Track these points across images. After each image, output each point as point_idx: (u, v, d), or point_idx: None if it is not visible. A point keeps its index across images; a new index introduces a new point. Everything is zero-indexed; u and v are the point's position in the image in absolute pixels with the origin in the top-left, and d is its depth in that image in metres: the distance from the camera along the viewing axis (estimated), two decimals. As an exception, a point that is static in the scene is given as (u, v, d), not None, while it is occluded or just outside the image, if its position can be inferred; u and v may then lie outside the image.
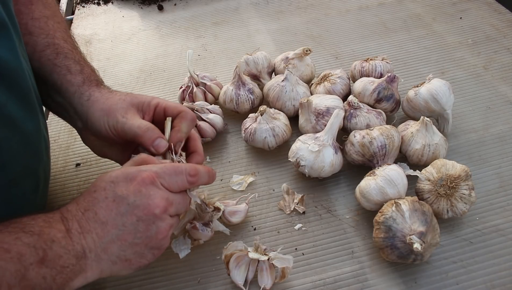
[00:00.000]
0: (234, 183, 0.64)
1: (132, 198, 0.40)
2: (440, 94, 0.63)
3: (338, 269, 0.54)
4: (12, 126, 0.44)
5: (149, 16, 1.06)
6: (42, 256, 0.36)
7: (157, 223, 0.42)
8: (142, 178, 0.41)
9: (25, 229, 0.37)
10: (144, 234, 0.41)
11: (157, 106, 0.52)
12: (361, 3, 1.01)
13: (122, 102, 0.50)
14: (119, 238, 0.40)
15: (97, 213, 0.40)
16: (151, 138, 0.48)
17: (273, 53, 0.88)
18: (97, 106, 0.50)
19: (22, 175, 0.46)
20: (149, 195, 0.41)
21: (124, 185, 0.41)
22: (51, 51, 0.52)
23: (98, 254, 0.40)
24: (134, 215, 0.41)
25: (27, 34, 0.52)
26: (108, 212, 0.40)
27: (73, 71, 0.52)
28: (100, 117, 0.49)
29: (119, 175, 0.42)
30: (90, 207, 0.40)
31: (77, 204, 0.41)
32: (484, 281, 0.51)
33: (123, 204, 0.40)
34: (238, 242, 0.53)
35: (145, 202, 0.41)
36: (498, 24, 0.90)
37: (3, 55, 0.42)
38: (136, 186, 0.41)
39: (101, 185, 0.41)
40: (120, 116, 0.49)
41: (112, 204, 0.40)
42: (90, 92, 0.51)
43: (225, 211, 0.57)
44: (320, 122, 0.64)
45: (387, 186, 0.54)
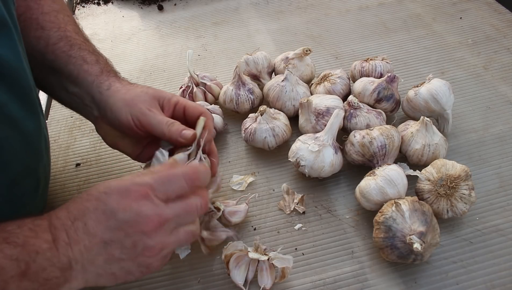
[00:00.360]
0: (234, 183, 0.64)
1: (121, 214, 0.39)
2: (440, 94, 0.63)
3: (338, 269, 0.54)
4: (13, 125, 0.44)
5: (149, 16, 1.06)
6: (24, 269, 0.35)
7: (145, 240, 0.39)
8: (135, 192, 0.40)
9: (8, 240, 0.36)
10: (131, 251, 0.39)
11: (177, 104, 0.51)
12: (361, 3, 1.01)
13: (145, 95, 0.50)
14: (106, 252, 0.39)
15: (86, 224, 0.38)
16: (178, 129, 0.48)
17: (273, 53, 0.88)
18: (119, 95, 0.50)
19: (23, 175, 0.46)
20: (140, 211, 0.39)
21: (116, 199, 0.39)
22: (64, 43, 0.52)
23: (84, 265, 0.38)
24: (122, 231, 0.39)
25: (39, 29, 0.52)
26: (97, 224, 0.38)
27: (89, 61, 0.52)
28: (122, 107, 0.49)
29: (114, 186, 0.40)
30: (80, 217, 0.39)
31: (68, 212, 0.39)
32: (484, 281, 0.51)
33: (112, 218, 0.39)
34: (238, 242, 0.53)
35: (134, 219, 0.39)
36: (498, 24, 0.90)
37: (4, 54, 0.42)
38: (127, 201, 0.39)
39: (94, 195, 0.40)
40: (146, 108, 0.49)
41: (101, 216, 0.39)
42: (110, 82, 0.51)
43: (225, 211, 0.57)
44: (320, 122, 0.64)
45: (387, 186, 0.54)
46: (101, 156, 0.71)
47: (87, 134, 0.76)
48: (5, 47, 0.42)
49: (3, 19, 0.42)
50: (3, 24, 0.42)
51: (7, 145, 0.42)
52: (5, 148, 0.42)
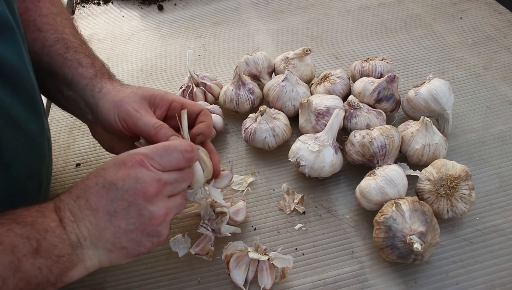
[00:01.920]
0: (234, 183, 0.64)
1: (121, 183, 0.39)
2: (440, 94, 0.63)
3: (338, 269, 0.54)
4: (17, 127, 0.44)
5: (149, 16, 1.06)
6: (36, 246, 0.36)
7: (149, 207, 0.40)
8: (131, 162, 0.40)
9: (17, 220, 0.36)
10: (137, 220, 0.40)
11: (173, 102, 0.51)
12: (361, 3, 1.01)
13: (134, 96, 0.49)
14: (112, 225, 0.39)
15: (88, 200, 0.39)
16: (166, 135, 0.47)
17: (273, 53, 0.88)
18: (108, 97, 0.49)
19: (26, 176, 0.46)
20: (138, 178, 0.40)
21: (113, 171, 0.40)
22: (61, 46, 0.52)
23: (93, 241, 0.39)
24: (125, 201, 0.39)
25: (36, 30, 0.52)
26: (99, 198, 0.39)
27: (84, 64, 0.52)
28: (110, 109, 0.49)
29: (110, 161, 0.41)
30: (82, 195, 0.39)
31: (70, 193, 0.40)
32: (484, 281, 0.51)
33: (112, 189, 0.39)
34: (238, 242, 0.53)
35: (134, 186, 0.39)
36: (498, 24, 0.90)
37: (9, 56, 0.42)
38: (125, 170, 0.40)
39: (93, 173, 0.41)
40: (133, 109, 0.48)
41: (102, 190, 0.39)
42: (102, 84, 0.51)
43: (230, 213, 0.57)
44: (320, 122, 0.64)
45: (387, 186, 0.54)
46: (101, 156, 0.71)
47: (87, 134, 0.76)
48: (9, 49, 0.42)
49: (7, 21, 0.42)
50: (8, 26, 0.42)
51: (11, 147, 0.43)
52: (9, 149, 0.42)
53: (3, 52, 0.41)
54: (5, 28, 0.42)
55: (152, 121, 0.48)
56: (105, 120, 0.50)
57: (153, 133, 0.47)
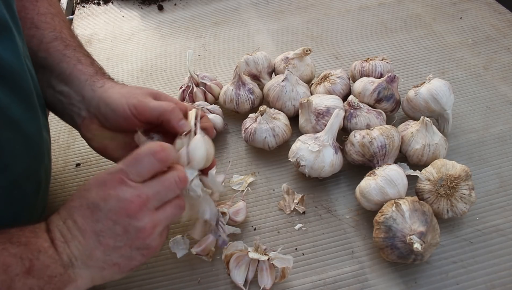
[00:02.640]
0: (234, 183, 0.64)
1: (103, 204, 0.40)
2: (440, 94, 0.63)
3: (338, 269, 0.54)
4: (15, 128, 0.43)
5: (149, 16, 1.06)
6: (28, 266, 0.36)
7: (133, 223, 0.40)
8: (111, 181, 0.40)
9: (12, 240, 0.37)
10: (124, 237, 0.40)
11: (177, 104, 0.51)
12: (361, 3, 1.01)
13: (140, 90, 0.51)
14: (101, 244, 0.39)
15: (75, 221, 0.40)
16: (178, 116, 0.48)
17: (273, 53, 0.88)
18: (114, 90, 0.50)
19: (24, 177, 0.46)
20: (118, 197, 0.40)
21: (95, 192, 0.40)
22: (59, 43, 0.52)
23: (84, 261, 0.39)
24: (110, 220, 0.40)
25: (33, 28, 0.52)
26: (85, 219, 0.40)
27: (84, 62, 0.52)
28: (118, 98, 0.49)
29: (92, 181, 0.41)
30: (69, 216, 0.40)
31: (58, 214, 0.41)
32: (484, 281, 0.51)
33: (96, 210, 0.40)
34: (238, 242, 0.53)
35: (116, 205, 0.40)
36: (498, 24, 0.90)
37: (6, 57, 0.42)
38: (105, 190, 0.40)
39: (76, 194, 0.41)
40: (142, 97, 0.49)
41: (86, 211, 0.40)
42: (103, 81, 0.52)
43: (230, 214, 0.57)
44: (320, 122, 0.64)
45: (387, 186, 0.54)
46: (101, 156, 0.71)
47: (87, 134, 0.76)
48: (7, 49, 0.42)
49: (4, 22, 0.42)
50: (5, 26, 0.42)
51: (9, 147, 0.42)
52: (7, 150, 0.42)
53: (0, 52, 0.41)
54: (2, 28, 0.42)
55: (162, 104, 0.48)
56: (110, 110, 0.49)
57: (166, 115, 0.47)
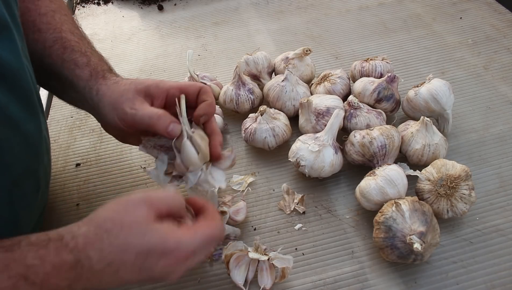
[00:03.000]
0: (234, 183, 0.64)
1: (157, 273, 0.39)
2: (440, 94, 0.63)
3: (338, 269, 0.54)
4: (14, 127, 0.43)
5: (149, 16, 1.06)
6: None
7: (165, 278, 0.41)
8: (178, 256, 0.39)
9: (27, 277, 0.34)
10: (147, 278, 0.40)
11: (170, 89, 0.49)
12: (361, 3, 1.01)
13: (127, 92, 0.49)
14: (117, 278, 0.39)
15: (118, 272, 0.38)
16: (164, 124, 0.46)
17: (273, 53, 0.88)
18: (105, 100, 0.49)
19: (24, 176, 0.46)
20: (175, 271, 0.40)
21: (157, 258, 0.39)
22: (58, 46, 0.52)
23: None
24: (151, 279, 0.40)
25: (36, 31, 0.52)
26: (129, 275, 0.39)
27: (80, 65, 0.52)
28: (109, 111, 0.49)
29: (158, 245, 0.39)
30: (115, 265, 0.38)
31: (101, 255, 0.37)
32: (484, 281, 0.51)
33: (147, 273, 0.39)
34: (238, 242, 0.53)
35: (166, 277, 0.40)
36: (498, 24, 0.90)
37: (5, 56, 0.42)
38: (168, 261, 0.39)
39: (135, 247, 0.38)
40: (128, 108, 0.47)
41: (137, 271, 0.39)
42: (97, 86, 0.51)
43: (230, 213, 0.57)
44: (320, 122, 0.64)
45: (387, 186, 0.54)
46: (101, 156, 0.71)
47: (87, 134, 0.76)
48: (6, 49, 0.42)
49: (4, 21, 0.42)
50: (4, 26, 0.42)
51: (8, 147, 0.42)
52: (6, 150, 0.42)
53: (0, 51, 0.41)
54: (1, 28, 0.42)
55: (148, 113, 0.47)
56: (107, 122, 0.50)
57: (152, 124, 0.46)
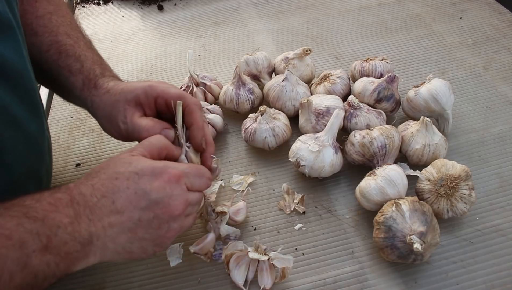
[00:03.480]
0: (234, 183, 0.64)
1: (154, 195, 0.40)
2: (440, 94, 0.63)
3: (338, 269, 0.54)
4: (17, 126, 0.44)
5: (149, 16, 1.06)
6: (45, 243, 0.35)
7: (170, 223, 0.42)
8: (168, 175, 0.41)
9: (28, 214, 0.36)
10: (155, 232, 0.41)
11: (158, 98, 0.50)
12: (361, 3, 1.01)
13: (118, 104, 0.49)
14: (130, 231, 0.40)
15: (114, 202, 0.39)
16: (157, 132, 0.48)
17: (273, 53, 0.88)
18: (99, 113, 0.50)
19: (26, 176, 0.46)
20: (172, 194, 0.41)
21: (148, 179, 0.40)
22: (54, 51, 0.52)
23: (105, 243, 0.39)
24: (152, 212, 0.40)
25: (33, 35, 0.52)
26: (127, 203, 0.39)
27: (74, 71, 0.52)
28: (106, 124, 0.50)
29: (146, 167, 0.40)
30: (109, 195, 0.39)
31: (93, 188, 0.39)
32: (484, 281, 0.51)
33: (144, 199, 0.39)
34: (238, 242, 0.53)
35: (167, 202, 0.40)
36: (498, 24, 0.90)
37: (9, 56, 0.42)
38: (161, 182, 0.40)
39: (124, 174, 0.40)
40: (121, 122, 0.48)
41: (133, 196, 0.39)
42: (91, 97, 0.51)
43: (230, 213, 0.57)
44: (320, 122, 0.64)
45: (387, 186, 0.54)
46: (101, 156, 0.71)
47: (87, 134, 0.76)
48: (10, 49, 0.42)
49: (8, 21, 0.42)
50: (8, 26, 0.42)
51: (11, 146, 0.43)
52: (9, 149, 0.42)
53: (4, 51, 0.41)
54: (5, 28, 0.42)
55: (139, 126, 0.48)
56: (107, 132, 0.52)
57: (146, 134, 0.47)
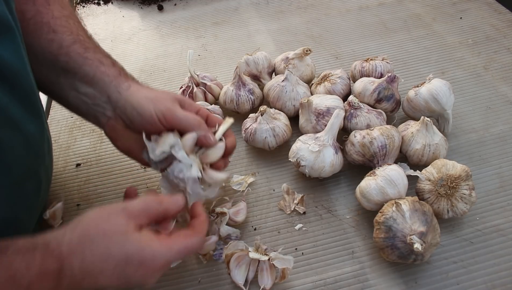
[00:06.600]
0: (235, 183, 0.64)
1: (134, 280, 0.41)
2: (441, 94, 0.63)
3: (338, 269, 0.54)
4: (15, 127, 0.43)
5: (149, 16, 1.06)
6: None
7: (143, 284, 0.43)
8: (153, 267, 0.42)
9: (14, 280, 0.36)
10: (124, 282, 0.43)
11: (199, 111, 0.53)
12: (361, 3, 1.01)
13: (167, 95, 0.52)
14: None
15: (97, 281, 0.40)
16: (204, 130, 0.50)
17: (273, 53, 0.88)
18: (141, 94, 0.51)
19: (25, 177, 0.46)
20: (150, 279, 0.42)
21: (134, 269, 0.41)
22: (79, 46, 0.53)
23: None
24: (128, 285, 0.42)
25: (51, 32, 0.52)
26: (108, 282, 0.41)
27: (106, 64, 0.53)
28: (146, 103, 0.50)
29: (135, 255, 0.41)
30: (95, 274, 0.40)
31: (82, 263, 0.40)
32: (485, 281, 0.51)
33: (124, 280, 0.41)
34: (238, 242, 0.53)
35: (142, 282, 0.42)
36: (498, 24, 0.90)
37: (8, 57, 0.42)
38: (144, 271, 0.41)
39: (114, 257, 0.41)
40: (170, 104, 0.51)
41: (114, 279, 0.40)
42: (129, 83, 0.53)
43: (230, 214, 0.57)
44: (321, 122, 0.64)
45: (387, 186, 0.54)
46: (102, 156, 0.71)
47: (87, 134, 0.76)
48: (8, 50, 0.42)
49: (6, 22, 0.42)
50: (7, 27, 0.42)
51: (9, 148, 0.42)
52: (7, 150, 0.42)
53: (2, 52, 0.41)
54: (4, 29, 0.42)
55: (191, 114, 0.51)
56: (137, 114, 0.51)
57: (195, 124, 0.50)
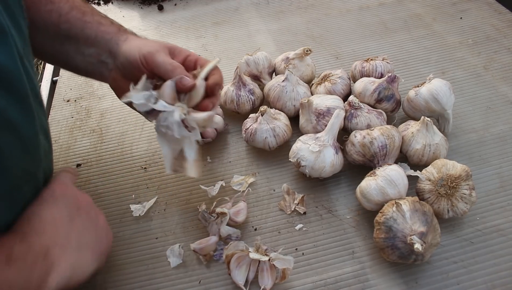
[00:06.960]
0: (235, 183, 0.64)
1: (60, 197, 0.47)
2: (441, 94, 0.63)
3: (339, 269, 0.54)
4: (12, 130, 0.43)
5: (149, 16, 1.06)
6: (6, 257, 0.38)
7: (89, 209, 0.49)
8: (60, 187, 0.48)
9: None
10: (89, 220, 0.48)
11: (189, 56, 0.55)
12: (361, 3, 1.01)
13: (157, 43, 0.55)
14: (72, 227, 0.45)
15: (40, 216, 0.44)
16: (181, 73, 0.52)
17: (273, 53, 0.88)
18: (133, 42, 0.55)
19: (23, 180, 0.46)
20: (75, 195, 0.48)
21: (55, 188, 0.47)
22: (77, 12, 0.56)
23: (62, 245, 0.43)
24: (72, 205, 0.47)
25: (48, 3, 0.55)
26: (50, 210, 0.45)
27: (105, 23, 0.56)
28: (133, 49, 0.53)
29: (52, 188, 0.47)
30: (32, 215, 0.44)
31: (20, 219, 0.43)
32: (485, 281, 0.51)
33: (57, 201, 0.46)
34: (239, 242, 0.53)
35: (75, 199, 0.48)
36: (498, 24, 0.90)
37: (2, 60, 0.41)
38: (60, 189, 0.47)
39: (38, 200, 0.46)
40: (154, 50, 0.53)
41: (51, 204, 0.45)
42: (127, 35, 0.56)
43: (230, 214, 0.57)
44: (321, 122, 0.64)
45: (387, 186, 0.54)
46: (102, 157, 0.71)
47: (88, 135, 0.76)
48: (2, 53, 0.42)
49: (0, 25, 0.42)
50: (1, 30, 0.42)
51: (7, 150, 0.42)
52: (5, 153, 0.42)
53: None
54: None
55: (169, 60, 0.52)
56: (126, 60, 0.54)
57: (170, 69, 0.52)
